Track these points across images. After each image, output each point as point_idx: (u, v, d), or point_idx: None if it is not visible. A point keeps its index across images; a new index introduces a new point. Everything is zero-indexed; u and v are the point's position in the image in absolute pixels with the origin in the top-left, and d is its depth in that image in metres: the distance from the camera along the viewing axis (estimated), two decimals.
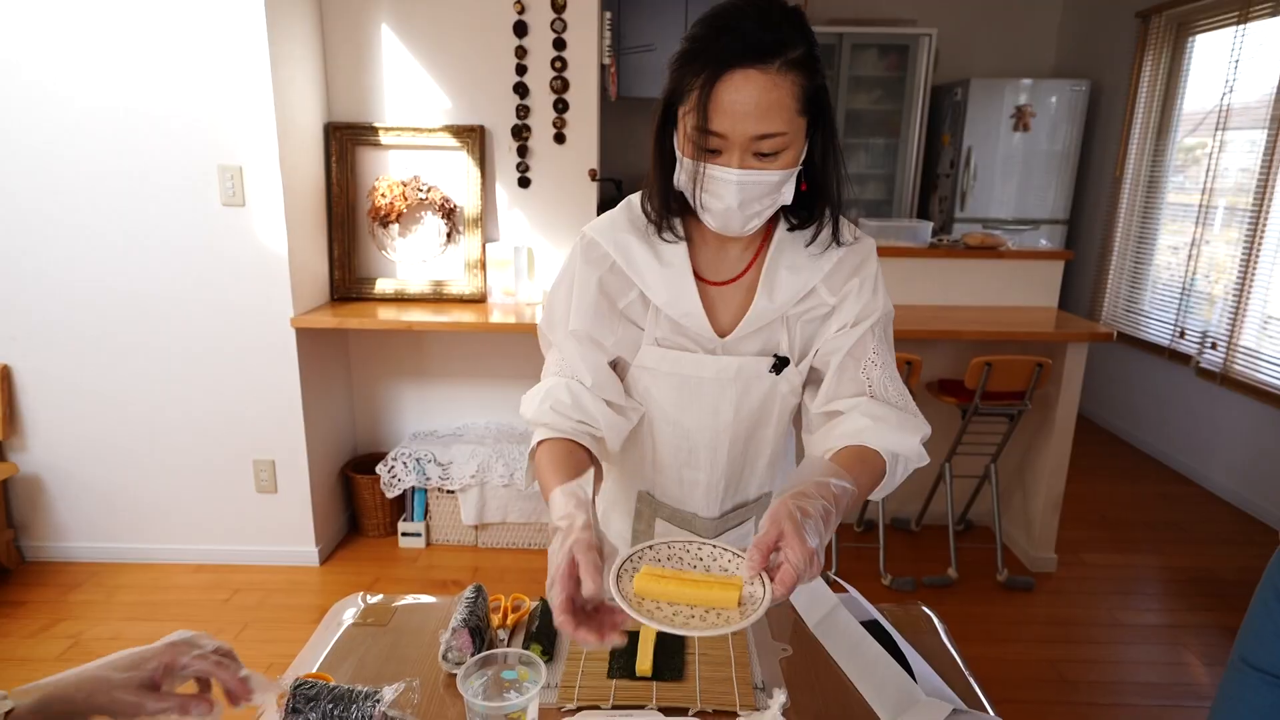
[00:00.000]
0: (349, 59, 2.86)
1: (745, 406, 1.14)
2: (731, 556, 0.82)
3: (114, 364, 2.68)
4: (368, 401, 3.24)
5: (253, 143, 2.52)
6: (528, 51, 2.85)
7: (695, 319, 1.08)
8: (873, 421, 1.01)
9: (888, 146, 5.13)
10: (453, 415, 3.24)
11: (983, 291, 3.19)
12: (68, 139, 2.49)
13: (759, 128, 0.90)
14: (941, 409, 3.04)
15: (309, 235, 2.79)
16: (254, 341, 2.68)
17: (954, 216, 4.91)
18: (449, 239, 2.99)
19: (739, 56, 0.88)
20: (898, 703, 1.00)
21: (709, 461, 1.19)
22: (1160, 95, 4.37)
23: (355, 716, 0.91)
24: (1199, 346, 3.93)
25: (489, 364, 3.18)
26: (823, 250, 1.06)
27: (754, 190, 0.94)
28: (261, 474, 2.81)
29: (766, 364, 1.11)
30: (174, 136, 2.50)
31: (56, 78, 2.45)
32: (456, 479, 2.95)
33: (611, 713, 0.98)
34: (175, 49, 2.44)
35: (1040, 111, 4.83)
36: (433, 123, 2.91)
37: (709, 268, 1.10)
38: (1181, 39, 4.24)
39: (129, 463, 2.78)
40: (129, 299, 2.62)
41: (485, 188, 2.96)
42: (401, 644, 1.15)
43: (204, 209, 2.55)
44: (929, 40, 4.84)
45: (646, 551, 0.84)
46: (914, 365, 2.73)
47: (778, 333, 1.11)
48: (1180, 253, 4.17)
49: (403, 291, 2.99)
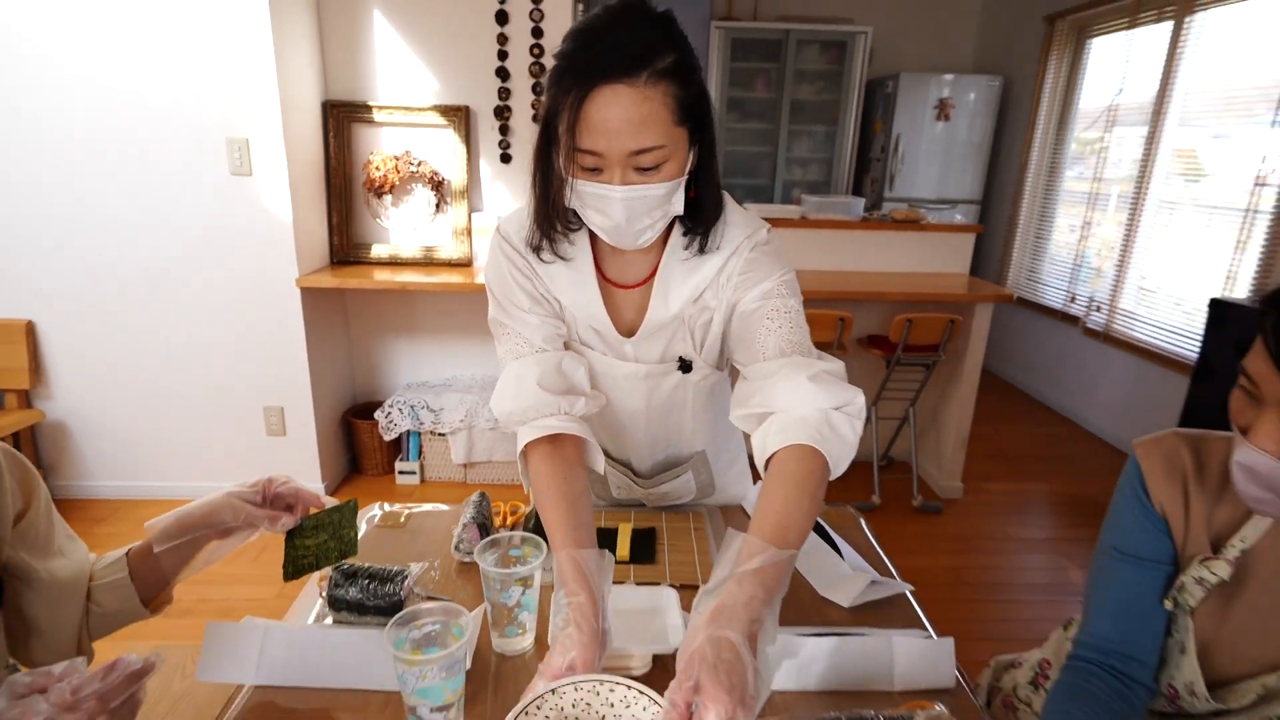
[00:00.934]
0: (344, 42, 2.80)
1: (657, 398, 1.10)
2: (647, 704, 0.67)
3: (133, 320, 2.65)
4: (365, 354, 3.23)
5: (258, 118, 2.48)
6: (508, 38, 2.82)
7: (599, 320, 1.02)
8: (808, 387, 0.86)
9: (827, 133, 5.14)
10: (442, 367, 3.24)
11: (906, 259, 3.25)
12: (90, 115, 2.43)
13: (634, 143, 0.79)
14: (869, 360, 3.16)
15: (310, 203, 2.77)
16: (262, 299, 2.67)
17: (884, 195, 4.95)
18: (438, 209, 2.98)
19: (605, 71, 0.77)
20: (830, 577, 1.11)
21: (633, 434, 1.18)
22: (1061, 92, 4.42)
23: (389, 590, 0.99)
24: (1086, 310, 4.08)
25: (475, 321, 3.17)
26: (707, 256, 0.96)
27: (640, 205, 0.85)
28: (271, 419, 2.82)
29: (671, 368, 1.06)
30: (186, 112, 2.46)
31: (81, 62, 2.39)
32: (447, 423, 2.98)
33: None
34: (187, 32, 2.39)
35: (959, 104, 4.85)
36: (422, 102, 2.88)
37: (615, 271, 1.01)
38: (1081, 41, 4.28)
39: (149, 409, 2.76)
40: (147, 260, 2.58)
41: (470, 162, 2.95)
42: (418, 541, 1.22)
43: (214, 178, 2.52)
44: (865, 38, 4.85)
45: (548, 697, 0.68)
46: (846, 322, 2.82)
47: (679, 332, 1.03)
48: (1074, 232, 4.28)
49: (396, 256, 2.99)
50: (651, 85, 0.78)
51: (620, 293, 1.02)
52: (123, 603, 0.92)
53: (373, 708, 0.86)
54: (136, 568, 0.92)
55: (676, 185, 0.86)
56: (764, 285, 0.95)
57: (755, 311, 0.95)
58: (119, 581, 0.91)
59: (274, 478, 0.96)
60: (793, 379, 0.87)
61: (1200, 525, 0.81)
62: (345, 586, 0.99)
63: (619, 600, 0.96)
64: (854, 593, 1.06)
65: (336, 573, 1.00)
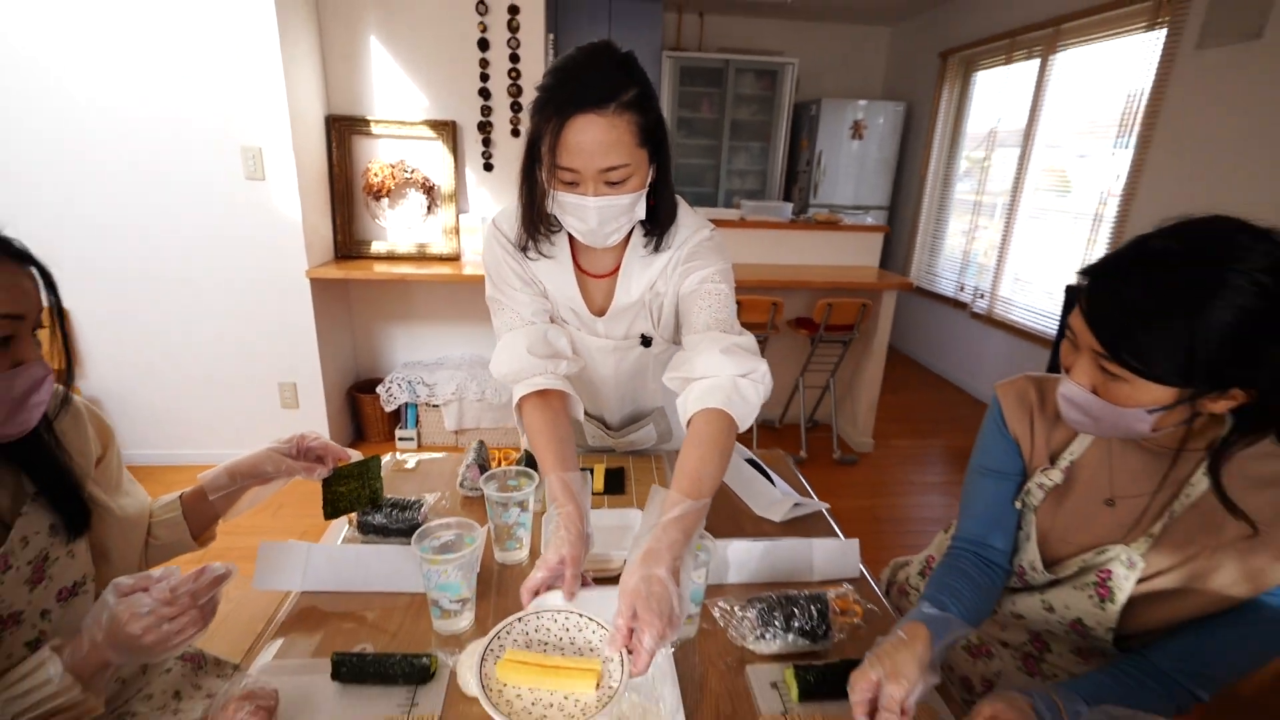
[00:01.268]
0: (344, 63, 2.76)
1: (624, 366, 1.16)
2: (596, 628, 0.71)
3: (162, 309, 2.59)
4: (367, 337, 3.21)
5: (270, 129, 2.44)
6: (489, 63, 2.81)
7: (576, 303, 1.07)
8: (720, 358, 0.91)
9: (762, 148, 5.18)
10: (435, 347, 3.24)
11: (827, 254, 3.32)
12: (124, 131, 2.37)
13: (604, 162, 0.84)
14: (796, 338, 3.27)
15: (317, 205, 2.73)
16: (276, 289, 2.63)
17: (809, 202, 5.01)
18: (429, 210, 2.97)
19: (579, 103, 0.81)
20: (764, 501, 1.20)
21: (605, 394, 1.24)
22: (953, 117, 4.50)
23: (409, 515, 1.05)
24: (973, 297, 4.23)
25: (463, 308, 3.18)
26: (660, 252, 1.02)
27: (610, 212, 0.89)
28: (285, 394, 2.80)
29: (634, 343, 1.12)
30: (207, 125, 2.41)
31: (115, 87, 2.34)
32: (440, 395, 2.99)
33: None
34: (207, 56, 2.34)
35: (871, 125, 4.92)
36: (414, 117, 2.86)
37: (588, 263, 1.06)
38: (968, 74, 4.35)
39: (176, 387, 2.71)
40: (174, 256, 2.53)
41: (457, 170, 2.94)
42: (428, 481, 1.27)
43: (232, 182, 2.47)
44: (793, 68, 4.90)
45: (516, 625, 0.71)
46: (778, 306, 2.91)
47: (641, 314, 1.09)
48: (964, 234, 4.40)
49: (393, 251, 2.97)
50: (618, 115, 0.82)
51: (592, 281, 1.07)
52: (176, 537, 0.96)
53: (399, 607, 0.92)
54: (188, 508, 0.96)
55: (639, 196, 0.91)
56: (702, 273, 1.00)
57: (692, 293, 1.00)
58: (174, 519, 0.95)
59: (305, 434, 1.00)
60: (709, 351, 0.92)
61: (1042, 444, 0.91)
62: (373, 514, 1.05)
63: (597, 520, 1.04)
64: (782, 511, 1.16)
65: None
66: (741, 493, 1.25)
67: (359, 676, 0.78)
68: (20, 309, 0.68)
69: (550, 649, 0.70)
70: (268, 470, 0.95)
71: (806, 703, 0.78)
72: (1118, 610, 0.79)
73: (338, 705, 0.75)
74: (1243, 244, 0.63)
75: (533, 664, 0.65)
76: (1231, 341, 0.63)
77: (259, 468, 0.95)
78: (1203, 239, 0.66)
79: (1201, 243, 0.65)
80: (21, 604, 0.73)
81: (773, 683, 0.82)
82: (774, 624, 0.85)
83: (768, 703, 0.78)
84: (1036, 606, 0.88)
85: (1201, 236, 0.66)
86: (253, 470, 0.95)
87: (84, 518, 0.81)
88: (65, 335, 0.75)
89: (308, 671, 0.80)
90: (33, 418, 0.71)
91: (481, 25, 2.76)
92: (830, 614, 0.87)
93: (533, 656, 0.66)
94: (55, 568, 0.78)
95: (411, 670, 0.78)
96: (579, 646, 0.70)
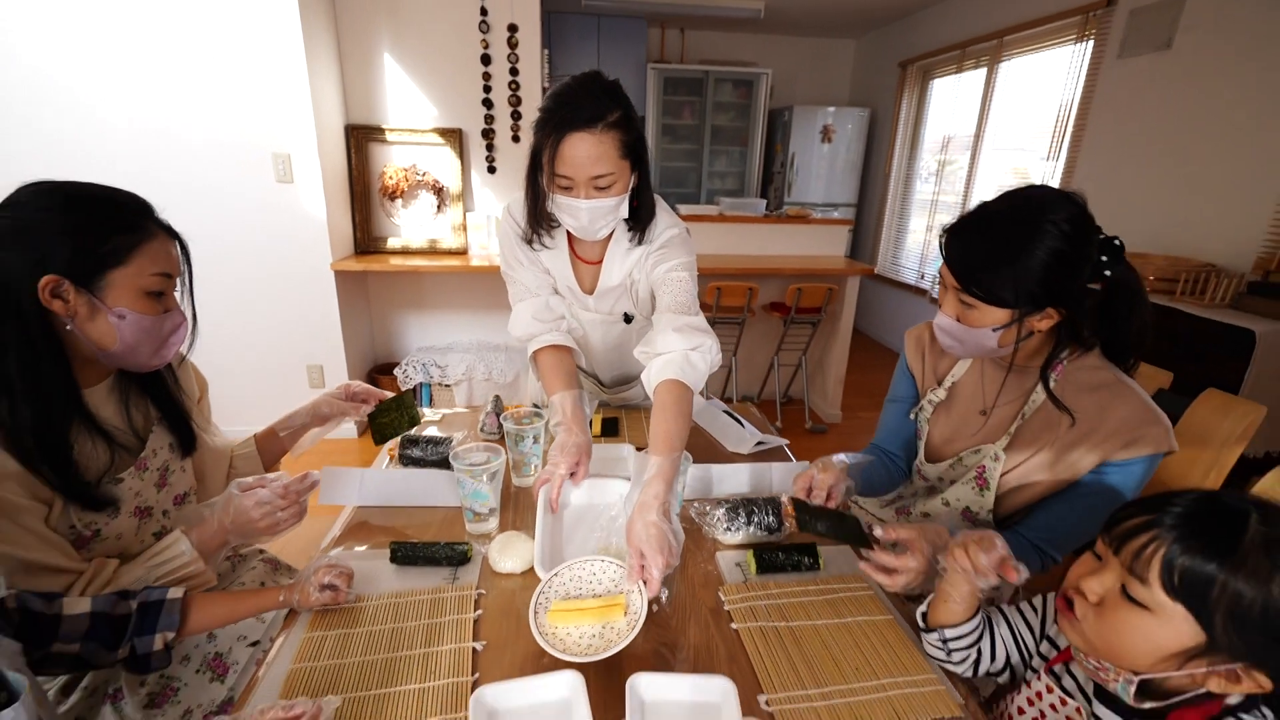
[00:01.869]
0: (361, 78, 2.87)
1: (610, 337, 1.32)
2: (616, 568, 0.83)
3: (202, 301, 2.69)
4: (384, 324, 3.30)
5: (297, 137, 2.56)
6: (491, 76, 2.92)
7: (571, 283, 1.21)
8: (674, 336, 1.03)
9: (740, 152, 5.27)
10: (445, 333, 3.33)
11: (797, 245, 3.44)
12: (174, 144, 2.48)
13: (594, 170, 0.96)
14: (771, 321, 3.41)
15: (338, 205, 2.85)
16: (304, 279, 2.74)
17: (784, 200, 5.11)
18: (439, 209, 3.08)
19: (573, 123, 0.93)
20: (734, 438, 1.36)
21: (597, 357, 1.40)
22: (913, 122, 4.60)
23: (441, 449, 1.20)
24: (932, 284, 4.32)
25: (470, 297, 3.28)
26: (639, 246, 1.15)
27: (598, 212, 1.02)
28: (312, 374, 2.92)
29: (617, 318, 1.27)
30: (242, 134, 2.52)
31: (166, 105, 2.45)
32: (451, 376, 3.09)
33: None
34: (242, 73, 2.45)
35: (839, 130, 5.02)
36: (424, 125, 2.96)
37: (583, 251, 1.20)
38: (926, 82, 4.47)
39: (216, 370, 2.66)
40: (214, 252, 2.61)
41: (464, 173, 3.05)
42: (453, 429, 1.41)
43: (264, 186, 2.58)
44: (767, 77, 5.00)
45: (553, 581, 0.82)
46: (754, 291, 3.01)
47: (624, 296, 1.22)
48: (924, 229, 4.52)
49: (407, 246, 3.08)
50: (605, 133, 0.94)
51: (584, 266, 1.22)
52: (251, 468, 1.11)
53: (436, 520, 1.07)
54: (261, 445, 1.12)
55: (623, 199, 1.04)
56: (669, 263, 1.13)
57: (661, 280, 1.13)
58: (250, 454, 1.11)
59: (350, 383, 1.16)
60: (666, 330, 1.05)
61: (931, 373, 1.10)
62: (411, 448, 1.21)
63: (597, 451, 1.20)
64: (749, 445, 1.33)
65: (406, 440, 1.21)
66: (718, 435, 1.41)
67: (411, 559, 0.94)
68: (172, 270, 0.83)
69: (584, 595, 0.81)
70: (324, 411, 1.11)
71: (763, 575, 0.95)
72: (993, 496, 0.96)
73: (396, 579, 0.91)
74: (1051, 202, 0.81)
75: (574, 609, 0.76)
76: (1044, 273, 0.81)
77: (317, 409, 1.11)
78: (1023, 201, 0.84)
79: (1022, 204, 0.84)
80: (153, 501, 0.89)
81: (737, 563, 0.98)
82: (738, 520, 1.02)
83: (733, 578, 0.95)
84: (938, 505, 1.06)
85: (1021, 199, 0.85)
86: (313, 411, 1.11)
87: (192, 441, 0.96)
88: (193, 297, 0.90)
89: (370, 558, 0.95)
90: (170, 354, 0.86)
91: (484, 42, 2.88)
92: (783, 513, 1.04)
93: (572, 603, 0.77)
94: (173, 478, 0.93)
95: (453, 554, 0.94)
96: (606, 586, 0.82)
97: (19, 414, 0.72)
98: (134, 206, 0.82)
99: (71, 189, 0.78)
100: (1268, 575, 0.51)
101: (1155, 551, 0.55)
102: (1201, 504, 0.56)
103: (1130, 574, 0.57)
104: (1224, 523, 0.54)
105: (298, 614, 0.83)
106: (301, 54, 2.47)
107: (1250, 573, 0.52)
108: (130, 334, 0.79)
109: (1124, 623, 0.57)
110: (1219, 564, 0.53)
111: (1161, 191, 2.63)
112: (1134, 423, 0.84)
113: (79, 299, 0.76)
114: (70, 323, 0.77)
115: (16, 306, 0.73)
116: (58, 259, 0.74)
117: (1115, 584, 0.59)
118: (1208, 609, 0.53)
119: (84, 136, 2.44)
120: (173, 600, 0.74)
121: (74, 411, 0.78)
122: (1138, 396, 0.86)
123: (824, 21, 4.90)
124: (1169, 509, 0.57)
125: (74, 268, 0.75)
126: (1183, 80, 2.55)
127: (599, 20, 4.59)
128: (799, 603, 0.88)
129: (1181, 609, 0.54)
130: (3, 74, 2.34)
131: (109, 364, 0.84)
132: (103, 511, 0.80)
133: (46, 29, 2.33)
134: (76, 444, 0.78)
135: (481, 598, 0.87)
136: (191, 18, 2.37)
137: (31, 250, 0.74)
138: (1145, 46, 2.69)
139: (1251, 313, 1.98)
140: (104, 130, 2.44)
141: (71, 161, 2.44)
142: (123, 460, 0.85)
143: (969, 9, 3.93)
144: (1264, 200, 2.24)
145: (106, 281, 0.77)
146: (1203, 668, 0.55)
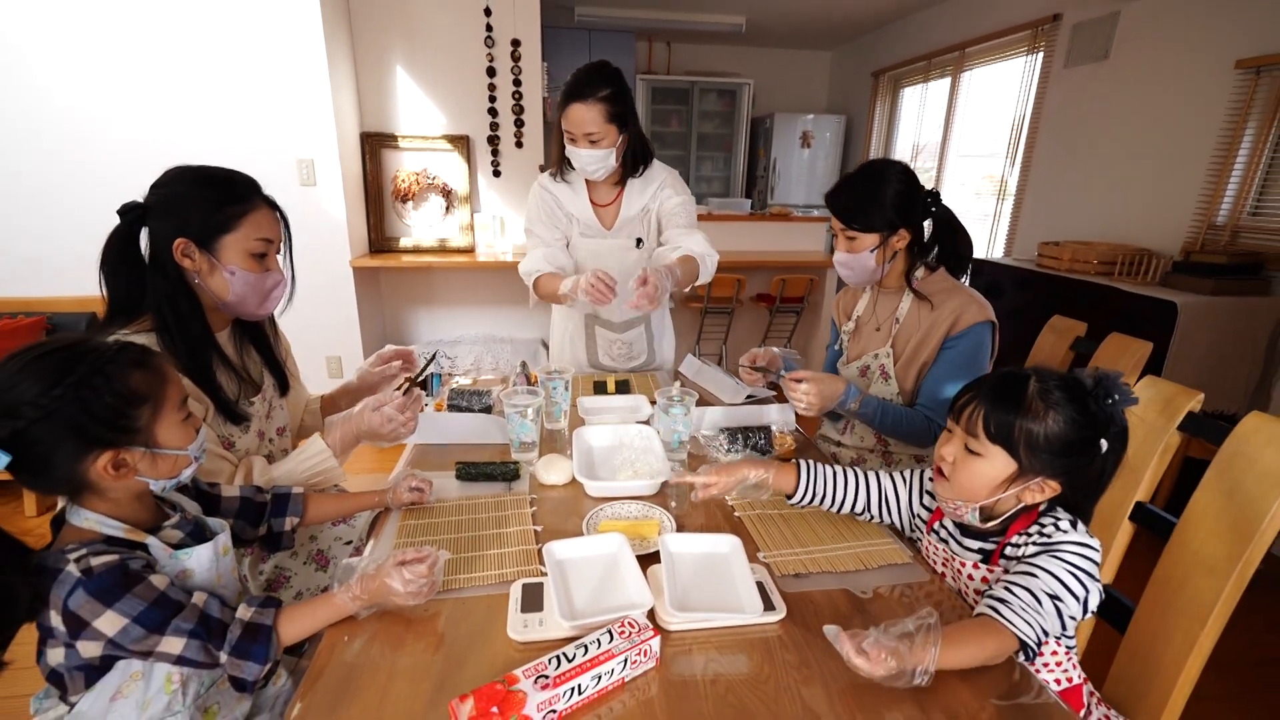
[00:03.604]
0: (375, 89, 3.05)
1: (624, 263, 1.58)
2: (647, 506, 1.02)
3: None
4: (396, 317, 3.46)
5: (320, 144, 2.73)
6: (496, 87, 3.11)
7: (590, 219, 1.55)
8: (697, 236, 1.51)
9: (725, 158, 5.49)
10: (453, 327, 3.50)
11: (779, 242, 3.68)
12: (198, 144, 2.65)
13: (586, 129, 1.35)
14: (758, 310, 3.62)
15: (356, 207, 3.02)
16: (324, 277, 2.90)
17: (767, 202, 5.31)
18: (448, 211, 3.26)
19: (573, 96, 1.33)
20: (730, 392, 1.58)
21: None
22: (885, 128, 4.84)
23: (484, 401, 1.41)
24: (830, 240, 4.67)
25: (477, 293, 3.44)
26: (648, 184, 1.53)
27: (591, 159, 1.40)
28: (332, 365, 3.08)
29: (632, 244, 1.58)
30: (268, 139, 2.69)
31: (191, 108, 2.61)
32: (460, 366, 3.25)
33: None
34: (270, 84, 2.63)
35: (818, 136, 5.25)
36: (434, 132, 3.15)
37: (598, 195, 1.55)
38: (896, 91, 4.72)
39: None
40: None
41: (471, 176, 3.23)
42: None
43: (289, 188, 2.75)
44: (749, 87, 5.23)
45: (598, 512, 1.00)
46: (741, 283, 3.25)
47: (638, 224, 1.57)
48: None
49: (418, 245, 3.25)
50: (595, 104, 1.33)
51: (601, 208, 1.57)
52: (317, 424, 1.31)
53: (484, 456, 1.27)
54: (325, 408, 1.31)
55: (611, 151, 1.41)
56: (677, 198, 1.55)
57: (673, 209, 1.54)
58: (316, 411, 1.30)
59: (382, 351, 1.33)
60: (686, 238, 1.51)
61: (844, 315, 1.42)
62: (458, 400, 1.41)
63: (614, 401, 1.41)
64: (741, 396, 1.55)
65: (454, 392, 1.41)
66: (714, 389, 1.63)
67: (473, 476, 1.14)
68: (274, 235, 1.03)
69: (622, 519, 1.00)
70: (371, 379, 1.29)
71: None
72: (895, 384, 1.24)
73: (462, 491, 1.12)
74: (889, 164, 1.17)
75: (620, 527, 0.94)
76: (894, 204, 1.15)
77: (365, 379, 1.29)
78: (870, 166, 1.21)
79: (870, 168, 1.21)
80: (264, 426, 1.08)
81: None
82: (736, 443, 1.23)
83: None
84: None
85: (870, 166, 1.22)
86: (362, 382, 1.29)
87: (286, 384, 1.16)
88: (292, 262, 1.10)
89: (439, 476, 1.16)
90: (272, 306, 1.06)
91: (489, 55, 3.08)
92: (773, 439, 1.26)
93: (615, 524, 0.96)
94: (276, 413, 1.12)
95: (506, 470, 1.14)
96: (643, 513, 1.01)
97: (178, 345, 0.92)
98: (244, 183, 1.01)
99: (199, 171, 0.98)
100: (1043, 415, 0.76)
101: (976, 412, 0.79)
102: (1001, 377, 0.81)
103: (967, 434, 0.81)
104: (1015, 386, 0.78)
105: (386, 519, 1.02)
106: (324, 65, 2.66)
107: (1034, 415, 0.76)
108: (240, 288, 0.98)
109: (969, 469, 0.81)
110: (1015, 413, 0.77)
111: (1103, 186, 2.90)
112: (958, 307, 1.18)
113: (202, 258, 0.95)
114: (196, 277, 0.96)
115: (164, 265, 0.93)
116: (188, 227, 0.94)
117: (960, 445, 0.82)
118: (1014, 444, 0.77)
119: (138, 145, 2.61)
120: (297, 495, 0.94)
121: (210, 346, 0.98)
122: (964, 291, 1.20)
123: (801, 34, 5.16)
124: (983, 385, 0.81)
125: (197, 233, 0.95)
126: (1119, 87, 2.83)
127: (590, 34, 4.81)
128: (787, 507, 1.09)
129: (999, 449, 0.78)
130: (64, 88, 2.51)
131: (228, 313, 1.03)
132: (239, 425, 1.00)
133: (107, 51, 2.50)
134: (216, 371, 0.98)
135: (534, 500, 1.08)
136: (224, 34, 2.56)
137: (171, 220, 0.93)
138: (1086, 57, 2.97)
139: (1175, 289, 2.25)
140: (151, 138, 2.62)
141: (125, 169, 2.60)
142: (246, 390, 1.04)
143: (933, 22, 4.21)
144: (1188, 191, 2.52)
145: (221, 244, 0.96)
146: (1019, 487, 0.79)
